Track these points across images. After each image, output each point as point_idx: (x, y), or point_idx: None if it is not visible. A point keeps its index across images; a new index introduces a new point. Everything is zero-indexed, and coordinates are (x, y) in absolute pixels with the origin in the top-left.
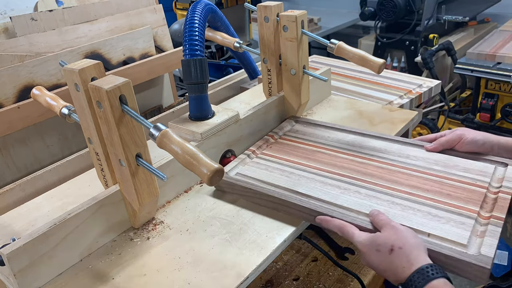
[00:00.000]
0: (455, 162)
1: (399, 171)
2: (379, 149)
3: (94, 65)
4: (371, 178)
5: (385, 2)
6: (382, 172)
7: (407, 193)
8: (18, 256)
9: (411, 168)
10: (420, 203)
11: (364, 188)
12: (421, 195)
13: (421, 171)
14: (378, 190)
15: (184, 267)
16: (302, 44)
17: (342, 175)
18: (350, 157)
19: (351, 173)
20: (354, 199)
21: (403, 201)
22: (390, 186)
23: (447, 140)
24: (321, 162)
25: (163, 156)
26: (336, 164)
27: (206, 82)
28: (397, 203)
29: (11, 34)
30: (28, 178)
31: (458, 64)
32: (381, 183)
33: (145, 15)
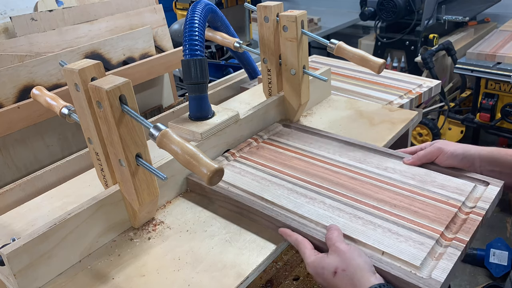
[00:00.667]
0: (433, 177)
1: (371, 184)
2: (358, 159)
3: (94, 65)
4: (341, 188)
5: (385, 2)
6: (354, 183)
7: (373, 207)
8: (18, 256)
9: (385, 181)
10: (383, 219)
11: (330, 199)
12: (386, 210)
13: (395, 185)
14: (344, 202)
15: (184, 267)
16: (302, 44)
17: (312, 184)
18: (326, 166)
19: (322, 182)
20: (317, 209)
21: (366, 215)
22: (357, 199)
23: (425, 154)
24: (295, 169)
25: (163, 156)
26: (310, 172)
27: (206, 82)
28: (359, 216)
29: (11, 34)
30: (28, 178)
31: (458, 64)
32: (349, 195)
33: (145, 15)
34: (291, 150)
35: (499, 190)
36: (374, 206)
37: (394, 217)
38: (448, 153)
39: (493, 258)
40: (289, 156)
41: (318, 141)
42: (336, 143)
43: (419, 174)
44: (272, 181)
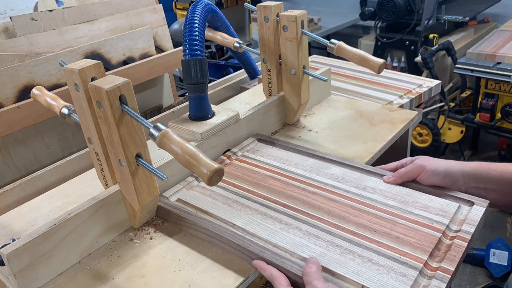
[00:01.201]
0: (415, 197)
1: (350, 205)
2: (336, 177)
3: (94, 65)
4: (317, 212)
5: (385, 2)
6: (331, 206)
7: (352, 233)
8: (18, 256)
9: (364, 203)
10: (362, 247)
11: (306, 224)
12: (366, 237)
13: (375, 206)
14: (321, 228)
15: (184, 268)
16: (302, 44)
17: (287, 206)
18: (302, 185)
19: (298, 205)
20: (292, 237)
21: (345, 243)
22: (335, 223)
23: (406, 172)
24: (270, 190)
25: (163, 156)
26: (285, 193)
27: (206, 82)
28: (337, 244)
29: (11, 34)
30: (28, 178)
31: (458, 64)
32: (326, 219)
33: (145, 15)
34: (266, 168)
35: (484, 211)
36: (353, 232)
37: (375, 244)
38: (430, 171)
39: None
40: (264, 175)
41: (294, 158)
42: (313, 159)
43: (401, 194)
44: (244, 204)
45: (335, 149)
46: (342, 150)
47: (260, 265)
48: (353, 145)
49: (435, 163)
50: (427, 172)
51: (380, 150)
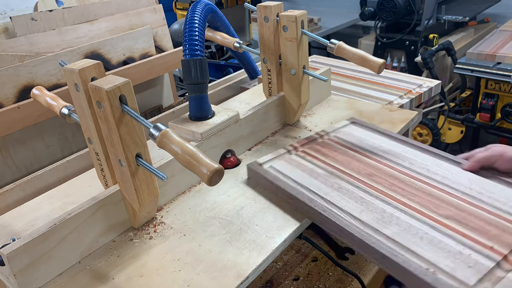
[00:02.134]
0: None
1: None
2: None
3: (94, 65)
4: (406, 198)
5: (385, 2)
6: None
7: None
8: (18, 256)
9: (453, 195)
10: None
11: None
12: (450, 226)
13: (464, 199)
14: (406, 212)
15: (184, 267)
16: (302, 44)
17: (376, 189)
18: (393, 172)
19: (386, 188)
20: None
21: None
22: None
23: (485, 157)
24: (359, 172)
25: (163, 156)
26: (375, 175)
27: (206, 82)
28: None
29: (11, 34)
30: (28, 178)
31: (458, 64)
32: (412, 205)
33: (145, 15)
34: (357, 151)
35: None
36: (437, 220)
37: (456, 233)
38: (509, 157)
39: None
40: (355, 157)
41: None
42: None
43: (491, 190)
44: (337, 183)
45: None
46: None
47: None
48: None
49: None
50: (507, 158)
51: None
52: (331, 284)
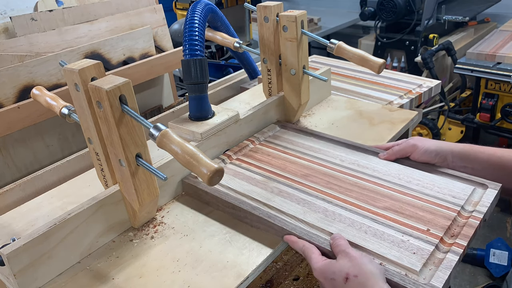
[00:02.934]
0: (431, 179)
1: (370, 188)
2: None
3: (94, 65)
4: (344, 195)
5: (385, 2)
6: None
7: (373, 212)
8: (18, 256)
9: (385, 186)
10: (383, 225)
11: (330, 204)
12: (387, 216)
13: (394, 189)
14: (345, 207)
15: (184, 267)
16: (302, 44)
17: (315, 189)
18: (327, 170)
19: (324, 187)
20: (317, 215)
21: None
22: (357, 204)
23: (400, 149)
24: (296, 174)
25: (163, 156)
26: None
27: (206, 82)
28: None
29: (11, 34)
30: (28, 178)
31: (458, 64)
32: (349, 200)
33: (145, 15)
34: (290, 154)
35: (497, 193)
36: (374, 212)
37: (395, 222)
38: (422, 149)
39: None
40: (289, 160)
41: (316, 143)
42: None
43: (419, 177)
44: (275, 187)
45: None
46: None
47: (292, 239)
48: None
49: (427, 142)
50: (420, 150)
51: None
52: None
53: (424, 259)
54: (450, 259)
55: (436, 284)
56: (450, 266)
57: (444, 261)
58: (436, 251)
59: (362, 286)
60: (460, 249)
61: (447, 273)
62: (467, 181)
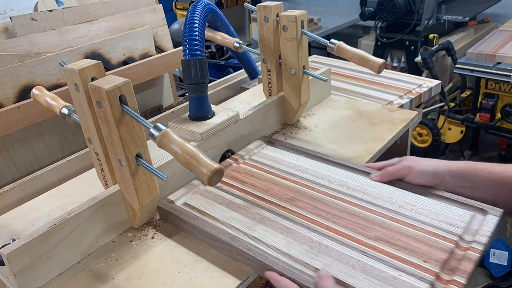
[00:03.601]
0: (427, 205)
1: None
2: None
3: (94, 65)
4: (327, 221)
5: (385, 2)
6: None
7: (363, 243)
8: (18, 256)
9: (375, 211)
10: (374, 258)
11: (316, 233)
12: (378, 248)
13: (387, 216)
14: (332, 237)
15: (184, 267)
16: (302, 44)
17: (300, 216)
18: (314, 193)
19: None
20: (301, 246)
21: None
22: (346, 233)
23: (394, 172)
24: (280, 198)
25: (163, 156)
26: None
27: (206, 82)
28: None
29: (11, 34)
30: (28, 178)
31: (458, 64)
32: (337, 228)
33: (145, 15)
34: (275, 174)
35: (498, 219)
36: (365, 243)
37: (387, 256)
38: (417, 171)
39: (493, 258)
40: (272, 180)
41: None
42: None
43: (414, 202)
44: (257, 213)
45: (335, 149)
46: (342, 150)
47: (274, 277)
48: (353, 145)
49: (422, 163)
50: (415, 173)
51: (380, 150)
52: None
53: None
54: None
55: None
56: None
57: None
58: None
59: None
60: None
61: None
62: (465, 206)
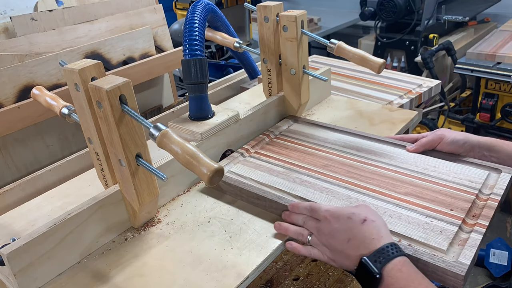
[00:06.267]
0: (450, 167)
1: (392, 177)
2: (373, 151)
3: (94, 65)
4: (365, 182)
5: (385, 2)
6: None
7: (396, 198)
8: (18, 256)
9: (404, 173)
10: (407, 209)
11: (353, 191)
12: (410, 201)
13: (414, 176)
14: (368, 194)
15: (184, 267)
16: (302, 44)
17: (336, 179)
18: (346, 160)
19: (345, 176)
20: (344, 202)
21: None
22: (380, 191)
23: (428, 141)
24: (315, 165)
25: (163, 156)
26: (331, 166)
27: (206, 82)
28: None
29: (11, 34)
30: (28, 178)
31: (458, 64)
32: (373, 188)
33: (145, 15)
34: (306, 145)
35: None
36: (398, 198)
37: (418, 207)
38: (449, 139)
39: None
40: (306, 151)
41: (331, 135)
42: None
43: (436, 165)
44: (296, 177)
45: None
46: None
47: (296, 203)
48: None
49: (454, 133)
50: (447, 140)
51: None
52: (331, 284)
53: (450, 239)
54: (474, 238)
55: (464, 261)
56: (475, 245)
57: (468, 240)
58: (460, 231)
59: (378, 230)
60: (483, 228)
61: (473, 251)
62: (481, 167)
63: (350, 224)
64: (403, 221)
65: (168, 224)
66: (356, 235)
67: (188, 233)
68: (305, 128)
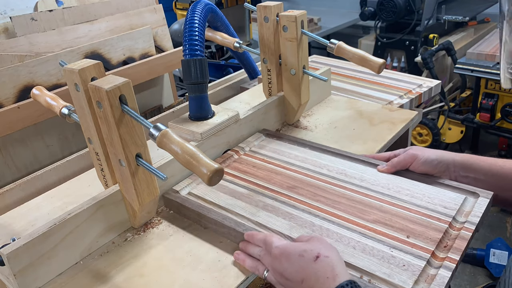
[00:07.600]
0: (422, 189)
1: (357, 199)
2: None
3: (94, 65)
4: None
5: (385, 2)
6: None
7: (360, 225)
8: (18, 256)
9: (371, 195)
10: (372, 238)
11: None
12: (375, 229)
13: (382, 199)
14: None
15: (184, 267)
16: (302, 44)
17: (301, 202)
18: (314, 181)
19: (311, 200)
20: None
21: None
22: (344, 217)
23: (399, 161)
24: (281, 186)
25: (163, 156)
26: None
27: (206, 82)
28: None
29: (11, 34)
30: (28, 178)
31: (458, 64)
32: (335, 212)
33: (145, 15)
34: (276, 164)
35: (489, 202)
36: (362, 225)
37: (385, 237)
38: (422, 159)
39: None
40: (274, 170)
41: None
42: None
43: (407, 187)
44: (260, 201)
45: None
46: None
47: (252, 233)
48: (353, 145)
49: (428, 152)
50: (420, 160)
51: (380, 150)
52: None
53: (416, 276)
54: (442, 276)
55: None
56: (442, 283)
57: (436, 277)
58: (427, 266)
59: (331, 268)
60: (453, 264)
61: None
62: (457, 190)
63: (302, 263)
64: (367, 253)
65: (168, 224)
66: (309, 275)
67: (188, 233)
68: (276, 144)
